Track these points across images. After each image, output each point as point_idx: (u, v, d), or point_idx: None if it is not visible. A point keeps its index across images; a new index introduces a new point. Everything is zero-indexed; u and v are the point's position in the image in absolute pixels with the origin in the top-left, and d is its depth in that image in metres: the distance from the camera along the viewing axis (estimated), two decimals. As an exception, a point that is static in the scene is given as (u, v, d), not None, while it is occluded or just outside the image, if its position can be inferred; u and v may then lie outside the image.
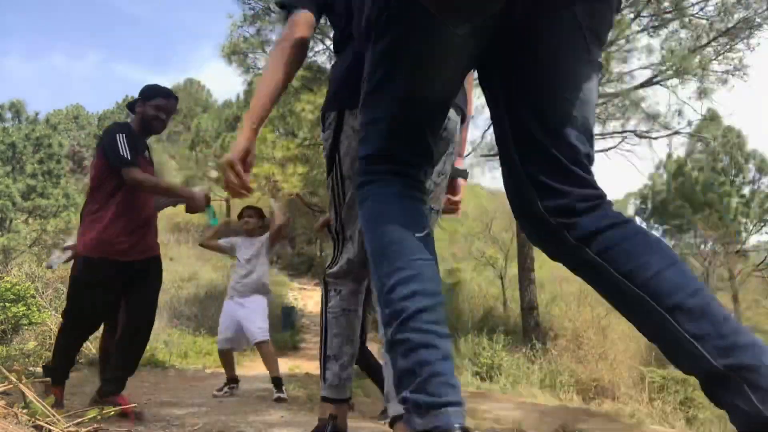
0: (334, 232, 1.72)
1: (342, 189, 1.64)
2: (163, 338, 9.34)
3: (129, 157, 2.83)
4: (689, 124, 14.21)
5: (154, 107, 3.07)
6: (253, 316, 4.77)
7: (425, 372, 0.86)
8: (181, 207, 3.20)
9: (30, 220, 16.16)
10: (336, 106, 1.62)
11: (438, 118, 1.08)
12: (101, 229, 2.89)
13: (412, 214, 0.99)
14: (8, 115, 19.06)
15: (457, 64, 0.97)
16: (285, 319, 13.90)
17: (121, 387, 2.97)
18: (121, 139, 2.87)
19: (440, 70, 0.97)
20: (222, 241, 5.08)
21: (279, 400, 4.35)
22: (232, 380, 4.88)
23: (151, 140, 3.52)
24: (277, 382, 4.61)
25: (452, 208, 1.98)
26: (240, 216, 5.08)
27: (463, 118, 1.73)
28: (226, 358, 4.97)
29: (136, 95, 3.17)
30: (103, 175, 2.95)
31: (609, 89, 13.53)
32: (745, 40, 13.10)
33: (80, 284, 2.97)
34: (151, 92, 3.11)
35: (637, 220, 27.07)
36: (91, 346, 7.56)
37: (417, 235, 0.96)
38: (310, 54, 13.22)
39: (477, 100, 17.77)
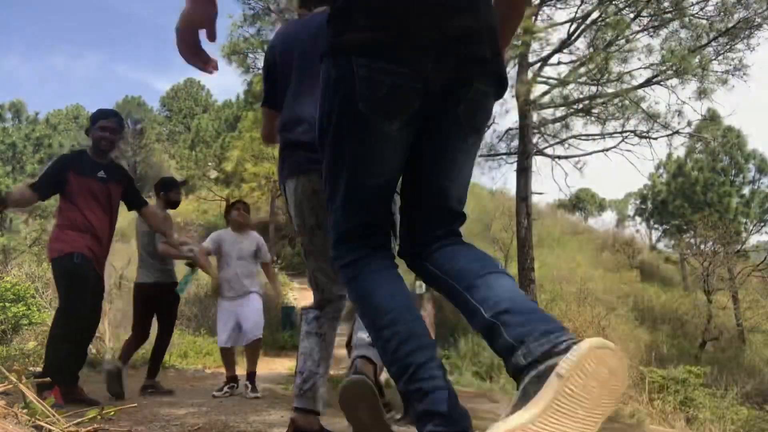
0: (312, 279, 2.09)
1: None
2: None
3: (35, 184, 3.38)
4: (689, 124, 14.22)
5: (99, 128, 3.48)
6: (251, 314, 4.77)
7: (443, 411, 1.04)
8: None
9: (30, 220, 16.18)
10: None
11: (392, 186, 1.28)
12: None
13: (394, 282, 1.21)
14: (8, 115, 19.06)
15: (401, 150, 1.20)
16: (285, 319, 13.90)
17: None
18: (43, 171, 3.50)
19: (387, 160, 1.19)
20: (206, 242, 4.98)
21: (255, 398, 4.53)
22: (232, 379, 4.88)
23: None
24: (254, 377, 4.75)
25: None
26: (229, 210, 5.01)
27: None
28: (228, 356, 4.96)
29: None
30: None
31: (609, 89, 13.53)
32: (745, 40, 13.10)
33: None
34: (95, 116, 3.53)
35: (638, 219, 27.12)
36: (91, 347, 7.57)
37: (403, 299, 1.17)
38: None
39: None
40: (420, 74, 1.10)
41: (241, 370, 5.31)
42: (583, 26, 13.42)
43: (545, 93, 14.23)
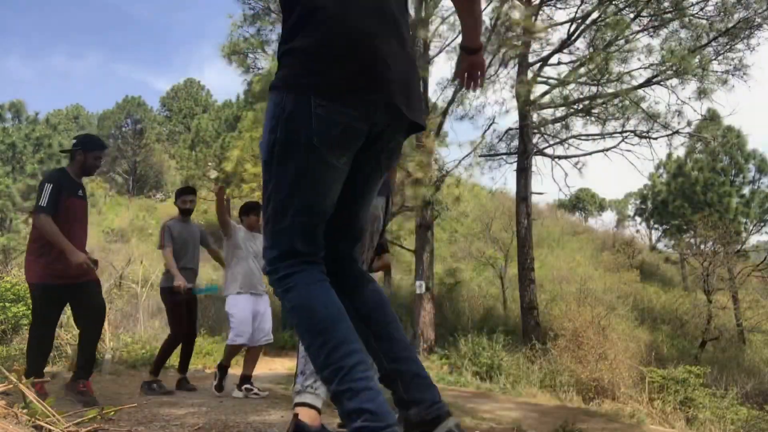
0: None
1: None
2: (163, 338, 9.32)
3: (44, 205, 3.48)
4: (689, 124, 14.21)
5: (95, 158, 3.81)
6: (269, 315, 4.80)
7: (372, 408, 1.17)
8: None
9: (30, 220, 16.18)
10: None
11: (330, 210, 1.43)
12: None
13: (327, 293, 1.32)
14: (8, 115, 19.03)
15: (341, 180, 1.37)
16: (285, 319, 13.89)
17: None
18: (46, 189, 3.52)
19: (331, 188, 1.35)
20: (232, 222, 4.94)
21: (256, 394, 4.62)
22: (248, 379, 4.86)
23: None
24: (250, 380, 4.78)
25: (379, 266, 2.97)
26: (248, 213, 4.94)
27: (387, 199, 2.41)
28: (235, 354, 4.89)
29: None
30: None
31: (609, 89, 13.53)
32: (745, 40, 13.09)
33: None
34: (92, 144, 3.84)
35: (638, 219, 27.10)
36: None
37: (336, 309, 1.29)
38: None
39: (476, 100, 17.77)
40: (368, 120, 1.29)
41: (235, 370, 5.29)
42: (583, 26, 13.42)
43: (545, 93, 14.23)
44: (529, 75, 13.85)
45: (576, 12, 13.46)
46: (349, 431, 1.18)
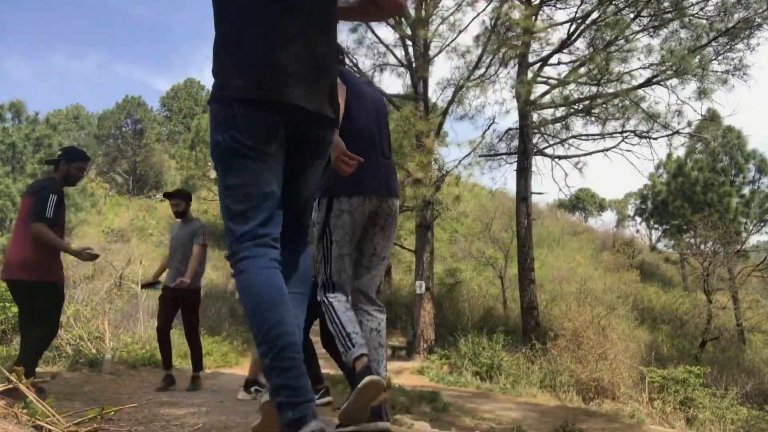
0: (327, 278, 2.36)
1: (331, 250, 2.34)
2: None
3: (51, 216, 3.63)
4: (689, 124, 14.21)
5: (79, 169, 3.98)
6: None
7: (294, 385, 1.36)
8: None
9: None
10: (328, 194, 2.35)
11: (276, 197, 1.60)
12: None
13: (274, 278, 1.48)
14: (8, 115, 18.99)
15: (278, 166, 1.59)
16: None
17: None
18: (51, 200, 3.67)
19: (267, 173, 1.55)
20: None
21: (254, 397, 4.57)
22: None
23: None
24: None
25: None
26: None
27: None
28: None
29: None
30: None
31: (609, 89, 13.52)
32: (745, 40, 13.09)
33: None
34: (75, 156, 3.99)
35: (638, 219, 27.09)
36: (91, 347, 7.57)
37: (279, 293, 1.46)
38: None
39: (476, 100, 17.75)
40: (279, 114, 1.54)
41: (242, 371, 5.30)
42: (583, 26, 13.41)
43: (545, 93, 14.23)
44: (529, 75, 13.85)
45: (576, 12, 13.47)
46: (275, 403, 1.37)
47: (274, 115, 1.54)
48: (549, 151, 16.09)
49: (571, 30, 13.51)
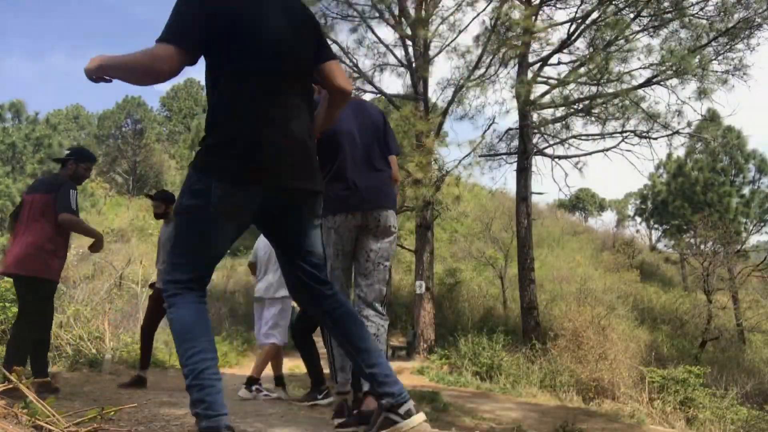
0: None
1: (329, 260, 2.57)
2: (163, 338, 9.34)
3: (75, 209, 3.84)
4: (689, 124, 14.21)
5: (85, 168, 4.14)
6: (260, 322, 4.83)
7: (210, 400, 1.62)
8: None
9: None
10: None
11: (221, 257, 1.87)
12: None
13: (199, 313, 1.75)
14: (8, 115, 19.00)
15: (231, 238, 1.81)
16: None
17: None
18: (72, 194, 3.87)
19: (216, 242, 1.78)
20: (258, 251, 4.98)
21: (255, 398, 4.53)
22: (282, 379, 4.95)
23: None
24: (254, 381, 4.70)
25: None
26: None
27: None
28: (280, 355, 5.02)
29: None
30: (48, 213, 3.82)
31: (609, 89, 13.52)
32: (745, 40, 13.09)
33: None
34: (84, 156, 4.17)
35: (638, 219, 27.10)
36: (91, 347, 7.58)
37: (202, 326, 1.72)
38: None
39: (476, 100, 17.76)
40: (254, 200, 1.75)
41: (242, 371, 5.31)
42: (583, 26, 13.41)
43: (545, 93, 14.23)
44: (529, 75, 13.85)
45: (576, 12, 13.47)
46: (192, 414, 1.64)
47: (249, 199, 1.74)
48: (549, 151, 16.10)
49: (571, 30, 13.52)
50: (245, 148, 1.71)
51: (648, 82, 13.50)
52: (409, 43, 13.22)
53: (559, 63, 14.64)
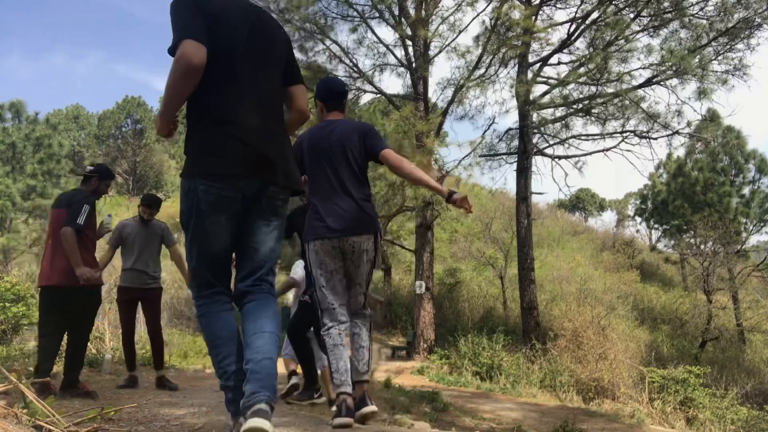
0: (318, 307, 2.85)
1: (315, 286, 2.82)
2: (163, 338, 9.38)
3: (81, 224, 3.95)
4: (689, 124, 14.20)
5: (107, 185, 4.44)
6: None
7: (236, 397, 1.86)
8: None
9: (30, 220, 16.16)
10: (302, 240, 2.88)
11: (230, 259, 2.06)
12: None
13: (226, 318, 1.98)
14: (8, 115, 18.98)
15: (229, 231, 1.98)
16: (284, 320, 13.89)
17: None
18: (85, 210, 4.02)
19: (217, 238, 1.96)
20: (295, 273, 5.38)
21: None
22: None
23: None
24: None
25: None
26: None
27: (376, 236, 2.87)
28: None
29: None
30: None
31: (609, 89, 13.52)
32: (745, 40, 13.08)
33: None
34: (107, 174, 4.43)
35: (638, 219, 27.08)
36: (91, 347, 7.57)
37: (230, 331, 1.96)
38: (311, 54, 13.22)
39: (476, 100, 17.74)
40: (236, 191, 1.93)
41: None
42: (583, 26, 13.41)
43: (545, 93, 14.22)
44: (529, 75, 13.84)
45: (576, 12, 13.47)
46: (228, 410, 1.94)
47: (231, 190, 1.92)
48: (549, 151, 16.10)
49: (571, 30, 13.52)
50: (220, 147, 1.92)
51: (648, 82, 13.50)
52: (409, 43, 13.22)
53: (559, 63, 14.64)
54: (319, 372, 4.54)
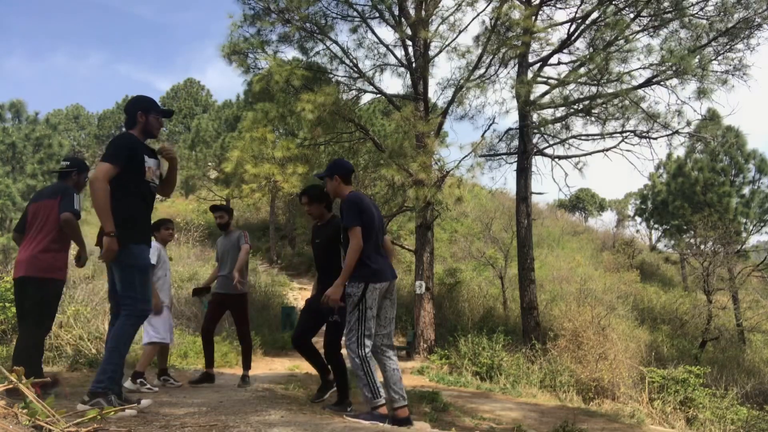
0: (361, 334, 3.59)
1: (365, 314, 3.59)
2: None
3: (78, 210, 4.08)
4: (689, 124, 14.18)
5: (86, 178, 4.37)
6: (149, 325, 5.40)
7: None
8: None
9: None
10: (364, 281, 3.63)
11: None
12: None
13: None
14: (8, 115, 18.98)
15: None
16: (285, 319, 13.89)
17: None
18: (77, 198, 4.14)
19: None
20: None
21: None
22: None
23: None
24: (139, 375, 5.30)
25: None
26: (158, 228, 5.73)
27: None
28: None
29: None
30: (54, 216, 4.06)
31: (609, 89, 13.52)
32: (745, 40, 13.08)
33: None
34: (84, 166, 4.45)
35: (638, 219, 27.07)
36: (91, 346, 7.57)
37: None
38: (311, 54, 13.22)
39: (476, 100, 17.72)
40: None
41: (233, 369, 5.34)
42: (583, 26, 13.41)
43: (545, 93, 14.22)
44: (529, 75, 13.84)
45: (576, 12, 13.47)
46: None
47: None
48: (549, 151, 16.08)
49: (571, 30, 13.51)
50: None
51: (648, 82, 13.49)
52: (409, 43, 13.21)
53: (559, 63, 14.64)
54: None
